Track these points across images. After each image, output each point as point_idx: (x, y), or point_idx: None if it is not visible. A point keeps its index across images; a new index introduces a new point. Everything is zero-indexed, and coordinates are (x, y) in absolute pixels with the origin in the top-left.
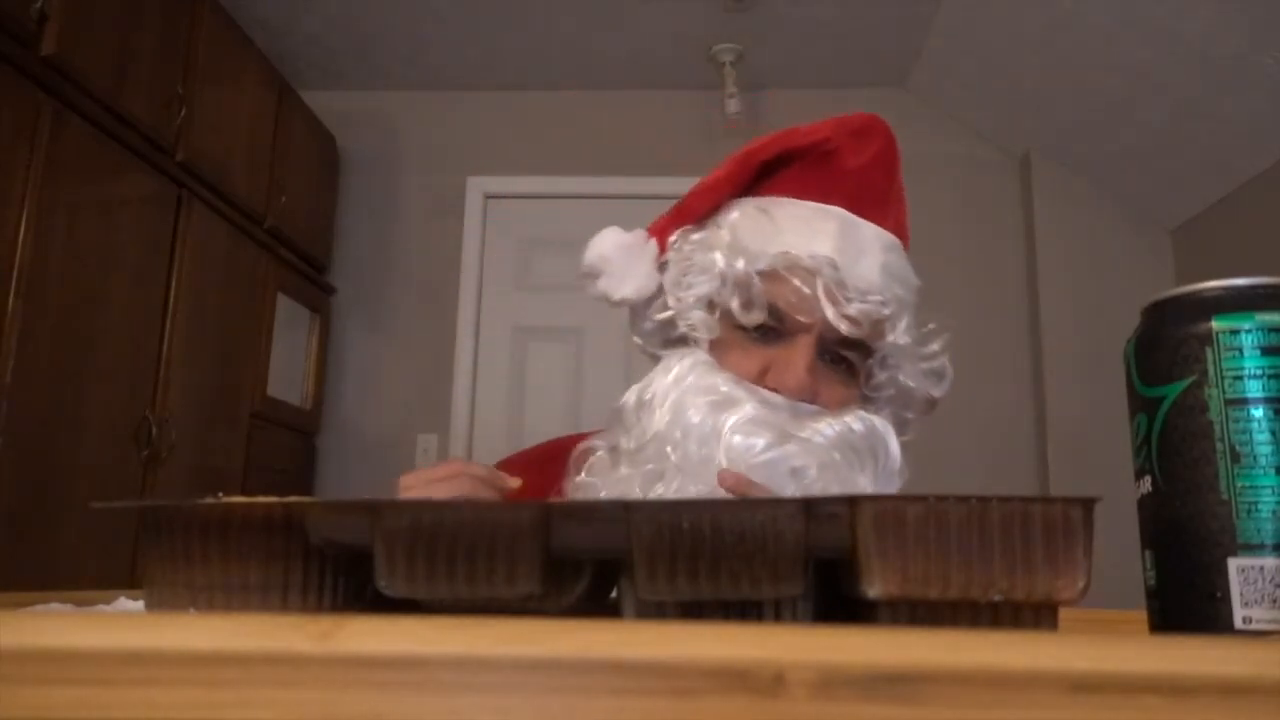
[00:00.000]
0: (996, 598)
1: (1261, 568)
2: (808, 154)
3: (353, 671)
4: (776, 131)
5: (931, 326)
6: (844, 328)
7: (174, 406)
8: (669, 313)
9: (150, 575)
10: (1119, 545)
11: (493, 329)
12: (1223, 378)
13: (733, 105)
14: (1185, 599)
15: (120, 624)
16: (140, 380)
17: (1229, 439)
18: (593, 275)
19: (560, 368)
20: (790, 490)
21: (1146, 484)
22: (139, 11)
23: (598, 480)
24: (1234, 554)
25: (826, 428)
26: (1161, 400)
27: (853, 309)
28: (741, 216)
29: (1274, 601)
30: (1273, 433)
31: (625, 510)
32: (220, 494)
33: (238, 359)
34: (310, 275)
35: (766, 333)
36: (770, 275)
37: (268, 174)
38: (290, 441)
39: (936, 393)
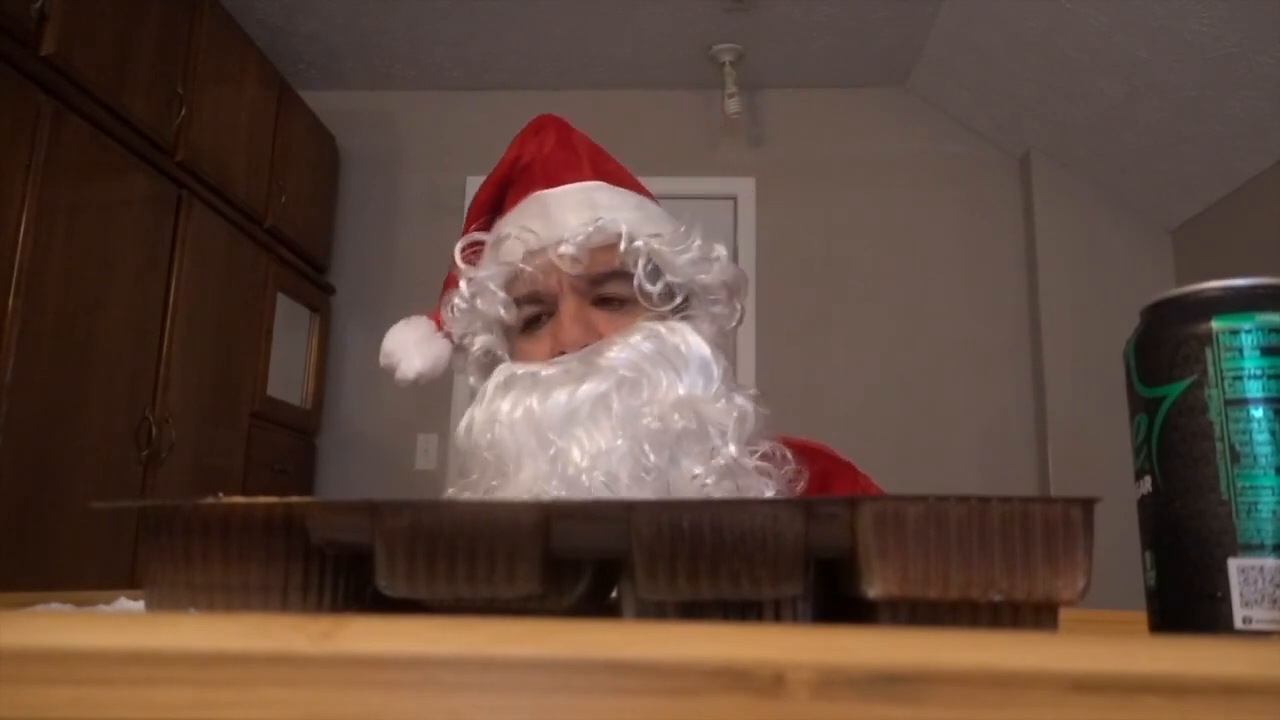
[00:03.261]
0: (996, 598)
1: (1261, 568)
2: (513, 177)
3: (353, 671)
4: (488, 174)
5: (683, 228)
6: (569, 268)
7: (174, 406)
8: (472, 357)
9: (150, 575)
10: (1119, 546)
11: None
12: (1222, 378)
13: (733, 105)
14: (1185, 599)
15: (120, 624)
16: (140, 380)
17: (1229, 439)
18: (390, 370)
19: None
20: (605, 422)
21: (1146, 484)
22: (139, 11)
23: None
24: (1234, 554)
25: (615, 354)
26: (1161, 401)
27: (568, 248)
28: (468, 253)
29: (1274, 602)
30: (1272, 433)
31: (626, 510)
32: (220, 494)
33: (238, 359)
34: (310, 275)
35: (538, 319)
36: (513, 278)
37: (268, 174)
38: (290, 441)
39: (721, 276)
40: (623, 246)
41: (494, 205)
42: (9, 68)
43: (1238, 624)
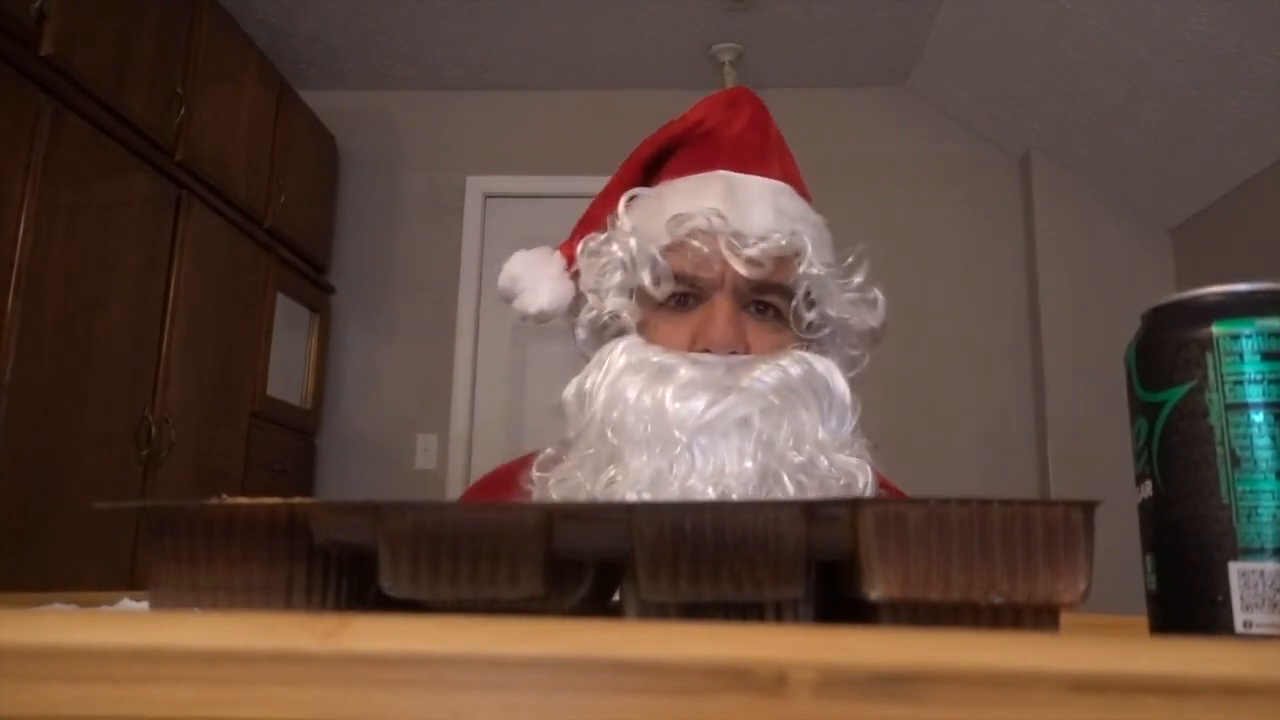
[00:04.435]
0: (997, 600)
1: (1262, 572)
2: (688, 138)
3: (358, 670)
4: (658, 127)
5: (851, 260)
6: (746, 271)
7: (174, 406)
8: (594, 313)
9: (154, 576)
10: (1119, 549)
11: (492, 329)
12: (1223, 382)
13: None
14: (1186, 603)
15: (125, 622)
16: (140, 380)
17: (1229, 443)
18: (508, 297)
19: (560, 368)
20: (738, 441)
21: (1147, 488)
22: (139, 11)
23: (548, 475)
24: (1234, 558)
25: (763, 375)
26: (1162, 405)
27: (752, 251)
28: (637, 205)
29: (1274, 605)
30: (1273, 437)
31: (627, 512)
32: (224, 495)
33: (238, 359)
34: (310, 275)
35: (686, 300)
36: (670, 247)
37: (267, 174)
38: (290, 441)
39: (872, 321)
40: (801, 268)
41: (658, 161)
42: (9, 68)
43: (1238, 628)
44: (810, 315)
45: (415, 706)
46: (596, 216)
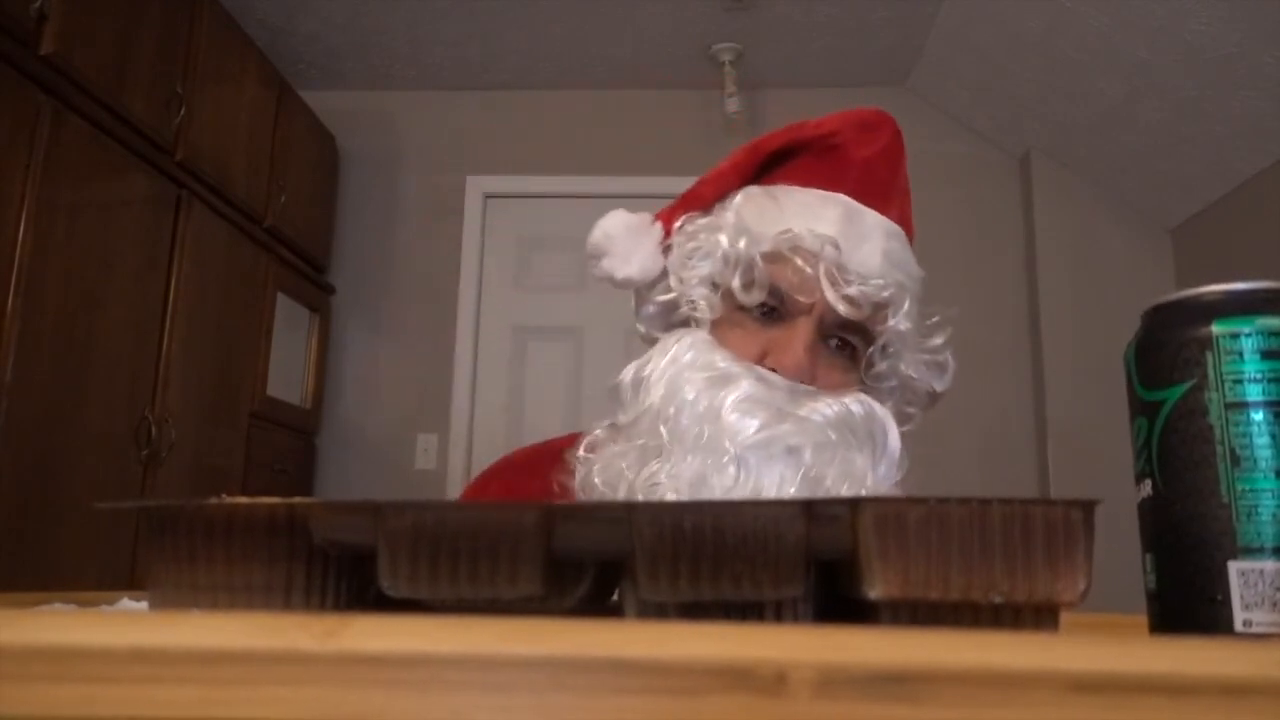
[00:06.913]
0: (997, 600)
1: (1262, 571)
2: (815, 146)
3: (357, 670)
4: (785, 126)
5: (935, 319)
6: (843, 309)
7: (174, 406)
8: (672, 295)
9: (153, 576)
10: (1119, 548)
11: (492, 329)
12: (1223, 381)
13: (732, 104)
14: (1186, 602)
15: (126, 622)
16: (140, 380)
17: (1229, 442)
18: (596, 255)
19: (560, 367)
20: (782, 468)
21: (1147, 487)
22: (139, 11)
23: (594, 456)
24: (1234, 557)
25: (824, 407)
26: (1162, 404)
27: (852, 290)
28: (747, 200)
29: (1274, 604)
30: (1273, 436)
31: (627, 511)
32: (224, 495)
33: (237, 359)
34: (310, 275)
35: (768, 314)
36: (772, 256)
37: (267, 174)
38: (290, 441)
39: (938, 386)
40: (890, 320)
41: (777, 158)
42: (9, 68)
43: (1238, 627)
44: (881, 366)
45: (415, 706)
46: (701, 195)
